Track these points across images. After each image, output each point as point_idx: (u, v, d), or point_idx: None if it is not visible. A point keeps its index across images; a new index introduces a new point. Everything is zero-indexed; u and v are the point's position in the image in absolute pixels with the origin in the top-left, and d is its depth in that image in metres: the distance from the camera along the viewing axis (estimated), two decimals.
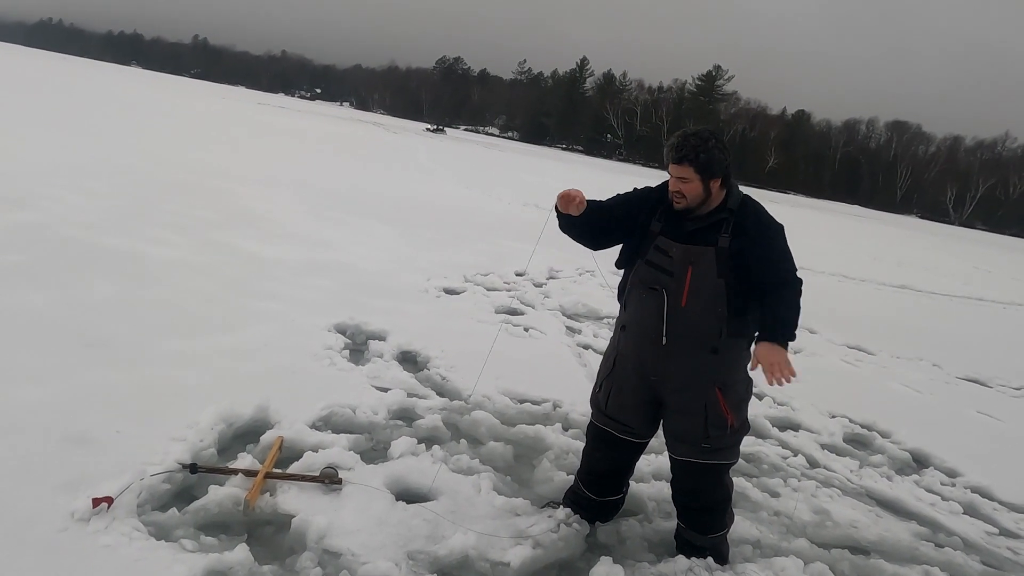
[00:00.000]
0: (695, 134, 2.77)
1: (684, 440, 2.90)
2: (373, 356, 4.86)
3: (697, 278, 2.74)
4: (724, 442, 2.87)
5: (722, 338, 2.77)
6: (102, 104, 24.69)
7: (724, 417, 2.82)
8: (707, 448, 2.86)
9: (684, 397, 2.86)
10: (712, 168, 2.73)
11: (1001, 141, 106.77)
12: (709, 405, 2.81)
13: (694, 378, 2.82)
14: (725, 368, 2.83)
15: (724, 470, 2.97)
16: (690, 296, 2.75)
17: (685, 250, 2.78)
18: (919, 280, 16.56)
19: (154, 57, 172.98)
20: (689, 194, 2.76)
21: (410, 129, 63.09)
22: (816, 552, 3.37)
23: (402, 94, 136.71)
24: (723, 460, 2.92)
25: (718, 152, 2.73)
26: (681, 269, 2.77)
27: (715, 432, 2.83)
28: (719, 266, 2.73)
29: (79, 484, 2.68)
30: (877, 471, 4.54)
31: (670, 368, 2.84)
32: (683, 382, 2.84)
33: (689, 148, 2.71)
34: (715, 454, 2.88)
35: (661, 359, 2.84)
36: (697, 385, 2.82)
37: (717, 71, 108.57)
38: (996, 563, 3.65)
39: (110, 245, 6.21)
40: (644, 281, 2.87)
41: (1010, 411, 6.58)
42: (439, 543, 2.81)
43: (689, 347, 2.79)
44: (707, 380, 2.81)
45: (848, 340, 8.26)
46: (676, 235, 2.82)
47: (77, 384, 3.54)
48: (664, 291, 2.79)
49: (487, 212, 14.34)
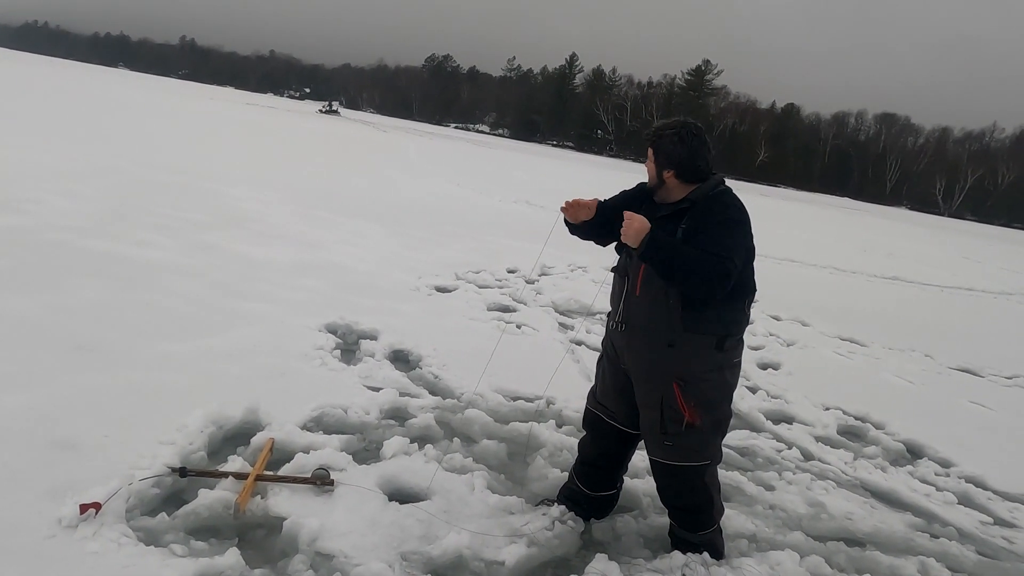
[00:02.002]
0: (670, 123, 2.86)
1: (648, 433, 2.95)
2: (364, 356, 4.83)
3: (648, 268, 2.73)
4: (687, 441, 2.83)
5: (676, 332, 2.76)
6: (88, 106, 24.50)
7: (680, 412, 2.79)
8: (669, 445, 2.86)
9: (645, 388, 2.91)
10: (665, 157, 2.80)
11: (989, 132, 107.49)
12: (665, 399, 2.82)
13: (652, 371, 2.86)
14: (683, 363, 2.79)
15: (696, 473, 2.91)
16: (643, 285, 2.81)
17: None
18: (910, 271, 16.62)
19: (141, 59, 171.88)
20: (648, 174, 2.92)
21: (401, 128, 62.91)
22: (812, 545, 3.36)
23: (392, 93, 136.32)
24: (691, 462, 2.88)
25: (672, 144, 2.78)
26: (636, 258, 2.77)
27: (672, 428, 2.82)
28: None
29: (66, 490, 2.63)
30: (871, 463, 4.54)
31: (632, 358, 2.91)
32: (643, 374, 2.90)
33: (655, 132, 2.85)
34: (680, 453, 2.86)
35: (624, 348, 2.93)
36: (655, 378, 2.85)
37: (706, 66, 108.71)
38: (991, 552, 3.65)
39: (96, 248, 6.15)
40: (617, 266, 3.00)
41: (1002, 400, 6.60)
42: (433, 543, 2.79)
43: (645, 338, 2.84)
44: (664, 373, 2.82)
45: (840, 332, 8.27)
46: None
47: (63, 389, 3.49)
48: (626, 278, 2.89)
49: (478, 210, 14.30)
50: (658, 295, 2.76)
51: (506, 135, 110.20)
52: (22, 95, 24.17)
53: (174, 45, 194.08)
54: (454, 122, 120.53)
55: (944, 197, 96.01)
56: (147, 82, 68.02)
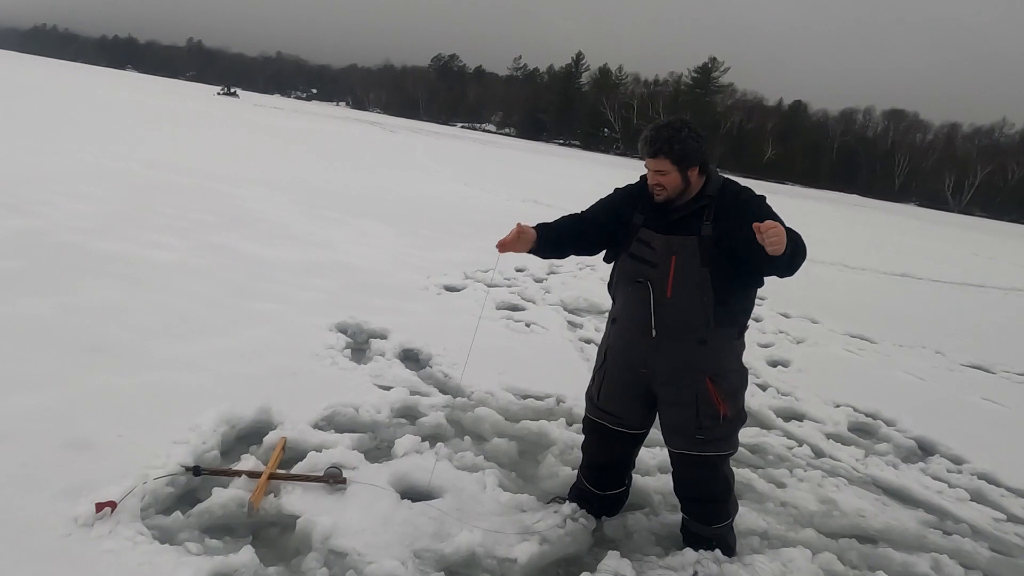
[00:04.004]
0: (667, 125, 2.75)
1: (678, 432, 2.90)
2: (375, 355, 4.84)
3: (681, 268, 2.73)
4: (718, 433, 2.85)
5: (709, 328, 2.76)
6: (97, 108, 24.63)
7: (716, 407, 2.80)
8: (701, 439, 2.85)
9: (675, 389, 2.85)
10: (688, 157, 2.72)
11: (999, 127, 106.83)
12: (700, 396, 2.80)
13: (684, 370, 2.81)
14: (715, 358, 2.81)
15: (721, 461, 2.95)
16: (675, 287, 2.74)
17: (667, 241, 2.76)
18: (919, 268, 16.53)
19: (149, 60, 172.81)
20: (669, 186, 2.76)
21: (408, 128, 62.99)
22: (824, 542, 3.35)
23: (398, 93, 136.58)
24: (719, 451, 2.90)
25: (692, 141, 2.72)
26: (664, 260, 2.75)
27: (708, 423, 2.82)
28: (703, 255, 2.71)
29: (81, 489, 2.66)
30: (883, 459, 4.52)
31: (659, 360, 2.84)
32: (673, 374, 2.83)
33: (663, 141, 2.71)
34: (710, 445, 2.87)
35: (651, 352, 2.84)
36: (687, 377, 2.81)
37: (713, 63, 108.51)
38: (1004, 549, 3.63)
39: (108, 250, 6.19)
40: (629, 274, 2.88)
41: (1014, 397, 6.56)
42: (445, 541, 2.79)
43: (677, 339, 2.79)
44: (697, 371, 2.80)
45: (850, 329, 8.24)
46: (658, 226, 2.81)
47: (78, 389, 3.52)
48: (649, 283, 2.78)
49: (486, 209, 14.31)
50: (693, 293, 2.73)
51: (512, 134, 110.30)
52: (31, 98, 24.33)
53: (181, 47, 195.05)
54: (461, 122, 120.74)
55: (953, 193, 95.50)
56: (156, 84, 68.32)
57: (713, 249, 2.71)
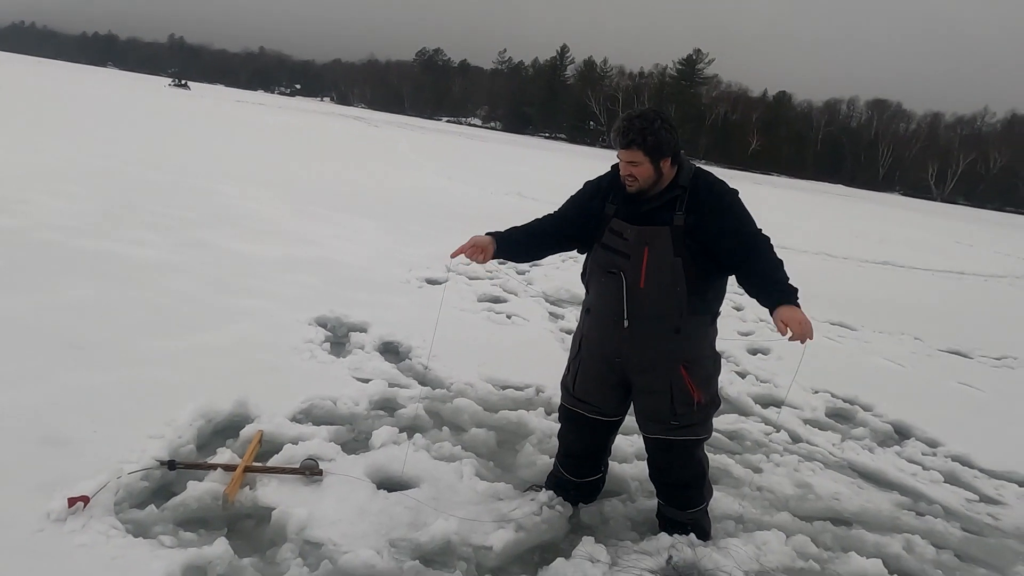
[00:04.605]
0: (640, 116, 2.75)
1: (653, 419, 2.93)
2: (354, 348, 4.85)
3: (654, 258, 2.75)
4: (692, 418, 2.89)
5: (683, 317, 2.78)
6: (78, 106, 24.39)
7: (690, 394, 2.83)
8: (676, 425, 2.88)
9: (649, 377, 2.87)
10: (661, 148, 2.72)
11: (980, 116, 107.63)
12: (675, 383, 2.83)
13: (658, 359, 2.84)
14: (689, 346, 2.84)
15: (696, 446, 2.99)
16: (648, 277, 2.76)
17: (640, 231, 2.78)
18: (901, 256, 16.68)
19: (130, 58, 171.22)
20: (641, 176, 2.77)
21: (393, 123, 62.76)
22: (798, 525, 3.40)
23: (383, 88, 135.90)
24: (693, 436, 2.94)
25: (665, 132, 2.72)
26: (637, 250, 2.77)
27: (682, 409, 2.85)
28: (675, 245, 2.73)
29: (55, 485, 2.65)
30: (859, 444, 4.58)
31: (634, 350, 2.85)
32: (647, 363, 2.86)
33: (636, 131, 2.70)
34: (685, 431, 2.90)
35: (625, 341, 2.85)
36: (661, 365, 2.84)
37: (697, 55, 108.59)
38: (976, 529, 3.70)
39: (88, 248, 6.15)
40: (602, 265, 2.89)
41: (990, 381, 6.65)
42: (421, 530, 2.81)
43: (651, 328, 2.80)
44: (671, 359, 2.82)
45: (831, 317, 8.31)
46: (630, 217, 2.82)
47: (54, 386, 3.50)
48: (622, 273, 2.80)
49: (470, 203, 14.29)
50: (665, 283, 2.75)
51: (498, 128, 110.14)
52: (9, 95, 24.05)
53: (163, 43, 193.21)
54: (446, 116, 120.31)
55: (936, 182, 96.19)
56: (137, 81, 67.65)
57: (685, 239, 2.73)
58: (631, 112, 2.80)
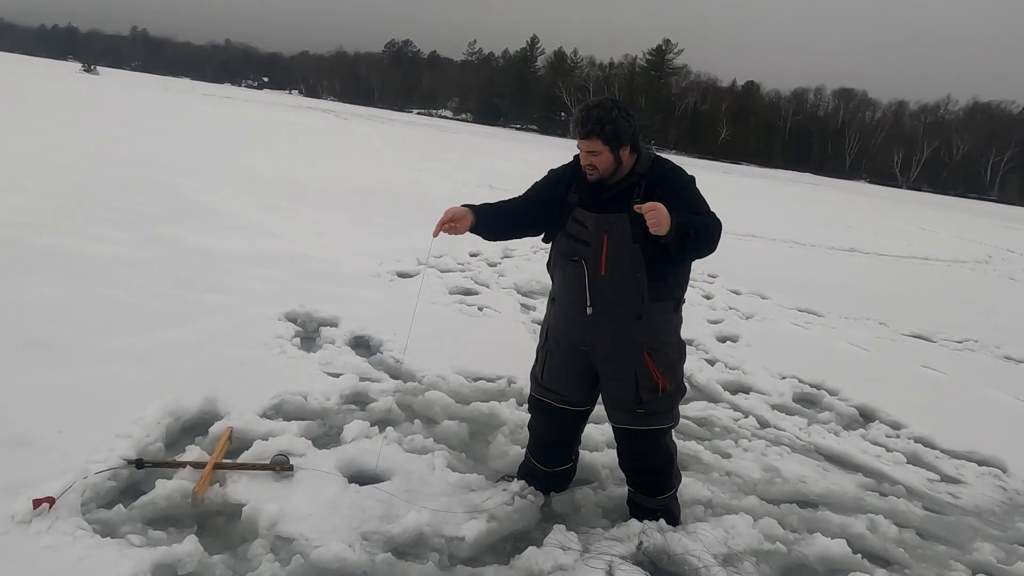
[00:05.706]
0: (598, 105, 2.79)
1: (619, 407, 2.96)
2: (325, 343, 4.82)
3: (613, 246, 2.78)
4: (659, 406, 2.92)
5: (645, 303, 2.81)
6: (37, 100, 23.82)
7: (655, 381, 2.87)
8: (642, 413, 2.91)
9: (614, 365, 2.90)
10: (619, 137, 2.76)
11: (943, 104, 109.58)
12: (639, 370, 2.86)
13: (621, 345, 2.87)
14: (652, 332, 2.87)
15: (663, 434, 3.02)
16: (608, 264, 2.79)
17: (600, 219, 2.81)
18: (867, 243, 16.98)
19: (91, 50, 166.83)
20: (600, 165, 2.81)
21: (363, 115, 62.21)
22: (766, 508, 3.46)
23: (352, 80, 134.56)
24: (660, 424, 2.97)
25: (623, 121, 2.76)
26: (597, 238, 2.80)
27: (648, 396, 2.89)
28: (634, 231, 2.75)
29: (19, 487, 2.61)
30: (825, 427, 4.67)
31: (598, 337, 2.89)
32: (611, 350, 2.89)
33: (594, 121, 2.74)
34: (651, 418, 2.93)
35: (589, 329, 2.89)
36: (625, 352, 2.87)
37: (667, 45, 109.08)
38: (937, 508, 3.80)
39: (49, 244, 6.03)
40: (564, 253, 2.93)
41: (952, 363, 6.81)
42: (393, 522, 2.82)
43: (613, 315, 2.84)
44: (634, 346, 2.85)
45: (798, 304, 8.44)
46: (591, 205, 2.86)
47: (16, 387, 3.44)
48: (583, 261, 2.84)
49: (441, 195, 14.22)
50: (626, 270, 2.78)
51: (469, 119, 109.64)
52: None
53: (125, 36, 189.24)
54: (416, 108, 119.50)
55: (902, 170, 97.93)
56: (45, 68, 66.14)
57: (644, 226, 2.75)
58: (588, 102, 2.85)
